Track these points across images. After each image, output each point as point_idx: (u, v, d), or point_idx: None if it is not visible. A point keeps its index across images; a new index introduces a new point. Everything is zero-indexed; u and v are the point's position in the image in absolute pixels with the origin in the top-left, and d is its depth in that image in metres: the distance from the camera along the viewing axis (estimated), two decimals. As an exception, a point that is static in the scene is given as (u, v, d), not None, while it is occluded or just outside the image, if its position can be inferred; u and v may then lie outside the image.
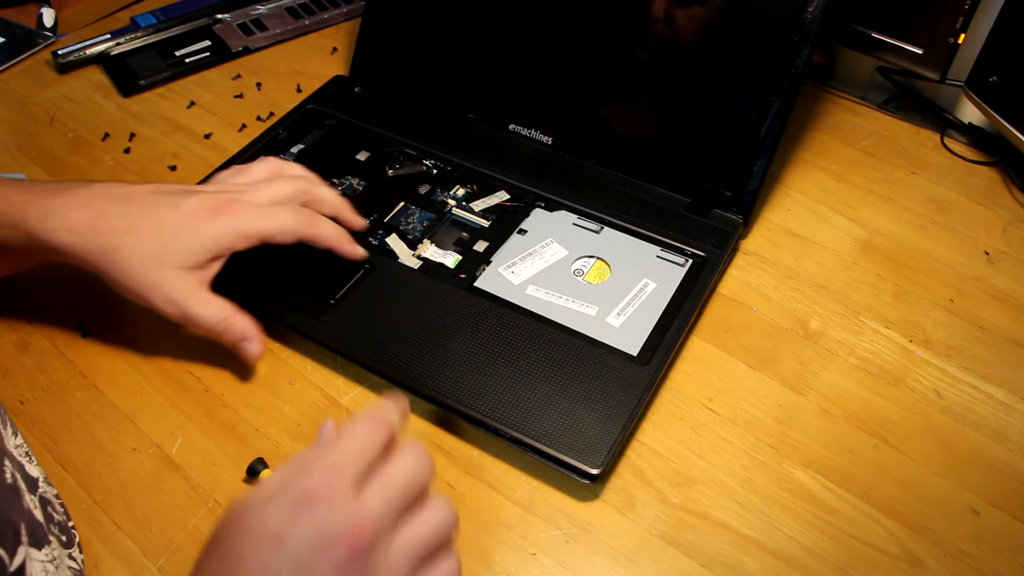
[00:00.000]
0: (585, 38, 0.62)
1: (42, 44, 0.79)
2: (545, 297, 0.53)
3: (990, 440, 0.49)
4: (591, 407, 0.47)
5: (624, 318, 0.52)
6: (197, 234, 0.47)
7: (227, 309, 0.49)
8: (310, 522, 0.33)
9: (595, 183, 0.61)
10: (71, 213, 0.47)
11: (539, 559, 0.44)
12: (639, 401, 0.48)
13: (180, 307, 0.47)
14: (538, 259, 0.56)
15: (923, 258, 0.60)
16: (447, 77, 0.68)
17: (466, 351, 0.50)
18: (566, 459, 0.45)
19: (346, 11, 0.83)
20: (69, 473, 0.47)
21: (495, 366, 0.50)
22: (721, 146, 0.59)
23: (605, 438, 0.46)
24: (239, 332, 0.49)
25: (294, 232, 0.50)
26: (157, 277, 0.47)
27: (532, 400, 0.48)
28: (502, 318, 0.52)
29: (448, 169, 0.63)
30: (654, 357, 0.50)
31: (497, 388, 0.48)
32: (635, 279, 0.54)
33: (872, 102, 0.73)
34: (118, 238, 0.47)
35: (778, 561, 0.44)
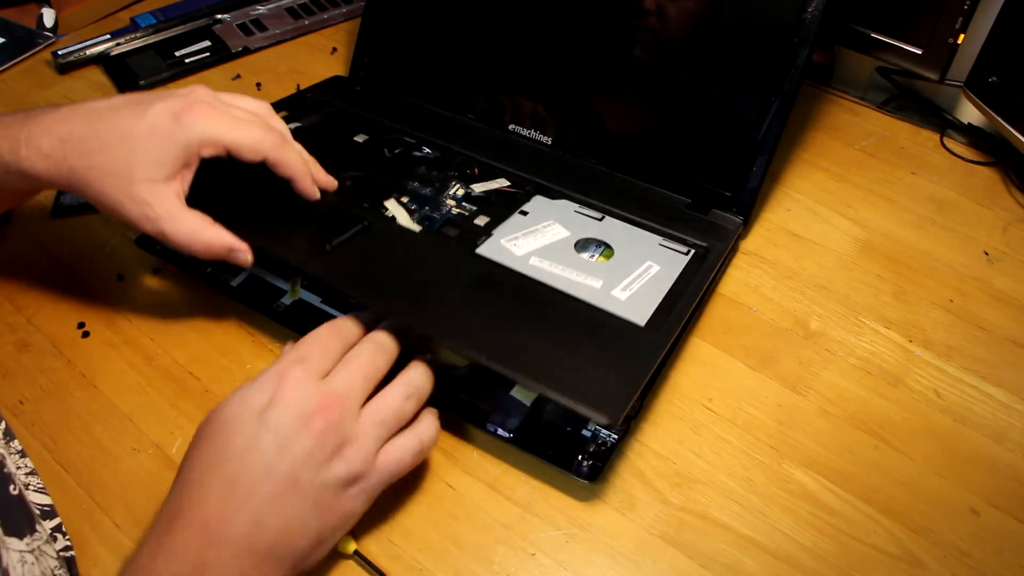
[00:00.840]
0: (585, 38, 0.62)
1: (42, 44, 0.79)
2: (549, 268, 0.52)
3: (990, 440, 0.50)
4: (603, 363, 0.44)
5: (630, 293, 0.50)
6: (163, 142, 0.46)
7: (202, 226, 0.47)
8: (287, 402, 0.39)
9: (596, 183, 0.61)
10: (40, 140, 0.46)
11: (539, 559, 0.44)
12: (652, 362, 0.45)
13: (155, 224, 0.46)
14: (540, 236, 0.54)
15: (923, 258, 0.60)
16: (447, 77, 0.68)
17: (470, 301, 0.48)
18: (580, 408, 0.41)
19: (346, 11, 0.83)
20: (69, 473, 0.47)
21: (502, 318, 0.47)
22: (721, 146, 0.59)
23: (621, 391, 0.42)
24: (220, 246, 0.48)
25: (260, 149, 0.48)
26: (130, 193, 0.46)
27: (541, 351, 0.45)
28: (506, 279, 0.50)
29: (447, 155, 0.62)
30: (663, 328, 0.48)
31: (505, 337, 0.46)
32: (638, 261, 0.53)
33: (872, 102, 0.73)
34: (88, 158, 0.46)
35: (778, 561, 0.44)
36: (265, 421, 0.39)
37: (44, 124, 0.47)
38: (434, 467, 0.48)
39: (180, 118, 0.46)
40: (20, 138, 0.47)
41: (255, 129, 0.48)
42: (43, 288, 0.57)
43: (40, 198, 0.64)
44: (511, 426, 0.48)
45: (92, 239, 0.61)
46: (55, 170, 0.46)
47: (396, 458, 0.42)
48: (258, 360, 0.53)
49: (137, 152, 0.46)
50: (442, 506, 0.46)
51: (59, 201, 0.63)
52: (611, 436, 0.47)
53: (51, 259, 0.59)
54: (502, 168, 0.61)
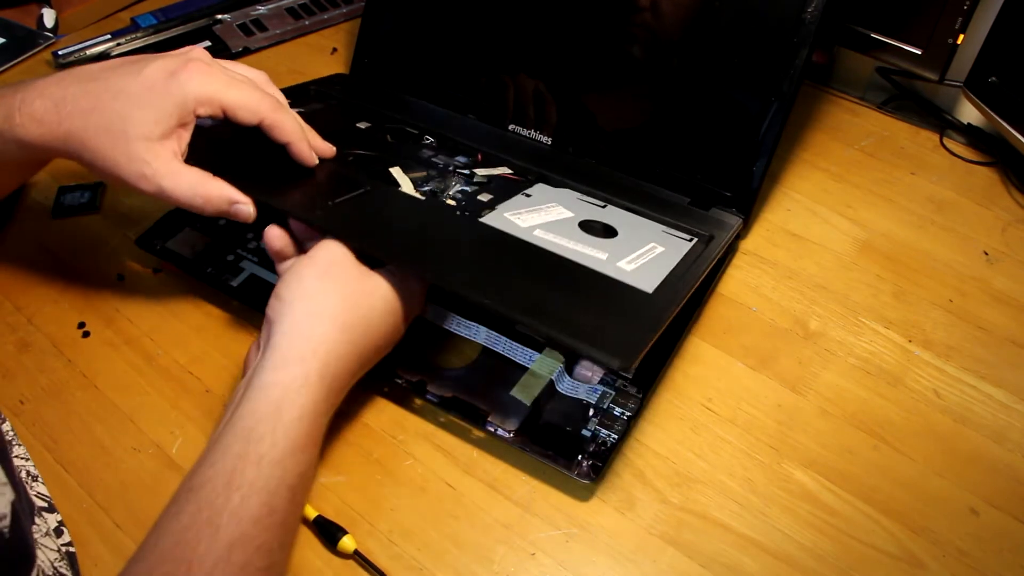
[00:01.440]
0: (585, 39, 0.62)
1: (43, 45, 0.79)
2: (554, 239, 0.51)
3: (989, 440, 0.50)
4: (615, 316, 0.44)
5: (636, 266, 0.49)
6: (159, 98, 0.45)
7: (201, 179, 0.46)
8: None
9: (596, 182, 0.61)
10: (34, 104, 0.46)
11: (538, 559, 0.44)
12: (666, 315, 0.44)
13: (153, 182, 0.45)
14: (544, 214, 0.54)
15: (922, 258, 0.60)
16: (447, 77, 0.68)
17: (477, 257, 0.48)
18: (594, 353, 0.40)
19: (346, 11, 0.83)
20: (70, 473, 0.48)
21: (509, 273, 0.46)
22: (721, 146, 0.59)
23: (635, 338, 0.41)
24: (220, 199, 0.47)
25: (256, 111, 0.48)
26: (126, 152, 0.45)
27: (552, 302, 0.44)
28: (512, 244, 0.49)
29: (450, 143, 0.62)
30: (672, 294, 0.46)
31: (514, 288, 0.45)
32: (643, 242, 0.52)
33: (871, 102, 0.73)
34: (83, 118, 0.45)
35: (778, 561, 0.44)
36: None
37: (38, 88, 0.46)
38: (434, 467, 0.48)
39: (176, 75, 0.46)
40: (14, 105, 0.46)
41: (252, 91, 0.48)
42: (43, 288, 0.57)
43: (40, 198, 0.64)
44: (511, 426, 0.48)
45: (92, 239, 0.61)
46: (50, 135, 0.46)
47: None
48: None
49: (132, 110, 0.45)
50: (442, 506, 0.46)
51: (59, 201, 0.63)
52: (611, 436, 0.47)
53: (51, 259, 0.59)
54: (504, 158, 0.61)
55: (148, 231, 0.59)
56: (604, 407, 0.49)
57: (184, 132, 0.47)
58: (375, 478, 0.47)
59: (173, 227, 0.59)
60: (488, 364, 0.52)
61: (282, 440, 0.39)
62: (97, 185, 0.64)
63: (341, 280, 0.44)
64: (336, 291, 0.44)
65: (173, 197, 0.46)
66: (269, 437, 0.39)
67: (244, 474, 0.38)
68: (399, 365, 0.51)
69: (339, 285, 0.44)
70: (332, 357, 0.42)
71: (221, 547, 0.36)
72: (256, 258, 0.57)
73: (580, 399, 0.50)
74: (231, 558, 0.36)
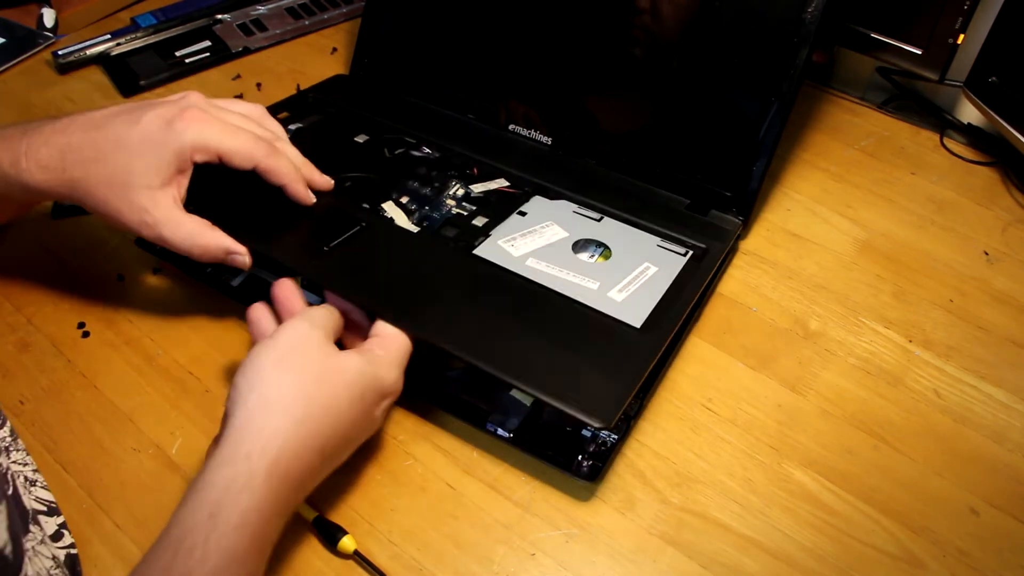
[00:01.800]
0: (585, 39, 0.62)
1: (42, 44, 0.79)
2: (546, 269, 0.52)
3: (990, 440, 0.50)
4: (597, 366, 0.45)
5: (626, 295, 0.51)
6: (157, 148, 0.47)
7: (200, 229, 0.48)
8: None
9: (595, 183, 0.61)
10: (39, 152, 0.47)
11: (538, 559, 0.44)
12: (645, 365, 0.45)
13: (154, 230, 0.47)
14: (538, 237, 0.55)
15: (923, 258, 0.60)
16: (447, 77, 0.68)
17: (466, 303, 0.49)
18: (573, 413, 0.42)
19: (346, 11, 0.83)
20: (69, 473, 0.47)
21: (498, 321, 0.48)
22: (721, 147, 0.59)
23: (614, 395, 0.43)
24: (217, 249, 0.48)
25: (252, 156, 0.49)
26: (128, 200, 0.47)
27: (536, 354, 0.45)
28: (502, 280, 0.51)
29: (447, 156, 0.63)
30: (658, 330, 0.48)
31: (498, 341, 0.46)
32: (636, 262, 0.53)
33: (872, 102, 0.73)
34: (85, 168, 0.47)
35: (778, 561, 0.44)
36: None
37: (43, 136, 0.48)
38: (434, 467, 0.48)
39: (172, 124, 0.47)
40: (20, 151, 0.47)
41: (246, 137, 0.49)
42: (43, 288, 0.57)
43: (40, 198, 0.64)
44: (511, 426, 0.48)
45: (92, 239, 0.61)
46: (55, 181, 0.47)
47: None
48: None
49: (133, 159, 0.47)
50: (442, 506, 0.46)
51: (59, 202, 0.63)
52: (611, 436, 0.47)
53: (51, 259, 0.59)
54: (501, 168, 0.61)
55: (148, 231, 0.59)
56: (604, 407, 0.49)
57: (183, 178, 0.49)
58: (375, 478, 0.47)
59: (173, 227, 0.59)
60: (488, 364, 0.52)
61: (215, 553, 0.36)
62: (97, 185, 0.64)
63: (300, 366, 0.41)
64: (293, 378, 0.41)
65: (172, 245, 0.48)
66: (200, 549, 0.36)
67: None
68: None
69: (297, 371, 0.41)
70: (284, 454, 0.39)
71: None
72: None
73: (580, 399, 0.50)
74: None
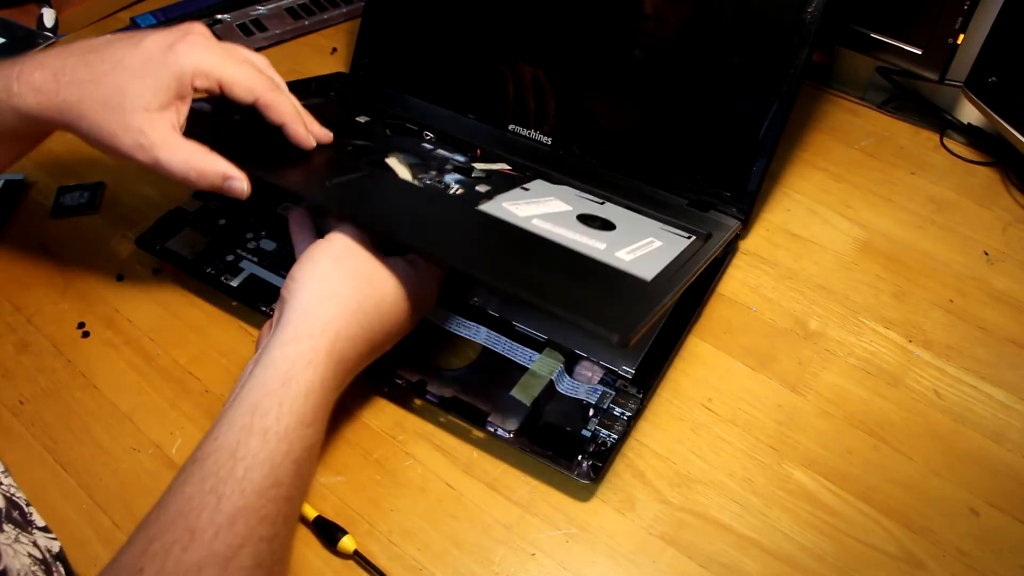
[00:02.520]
0: (584, 39, 0.62)
1: (43, 45, 0.79)
2: (552, 228, 0.50)
3: (989, 440, 0.50)
4: (614, 296, 0.44)
5: (634, 257, 0.49)
6: (157, 70, 0.46)
7: (197, 153, 0.46)
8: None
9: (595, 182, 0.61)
10: (32, 74, 0.46)
11: (538, 559, 0.44)
12: (664, 298, 0.43)
13: (149, 153, 0.45)
14: (542, 206, 0.54)
15: (922, 258, 0.60)
16: (447, 77, 0.68)
17: (476, 241, 0.48)
18: (592, 327, 0.39)
19: (346, 11, 0.83)
20: (69, 473, 0.48)
21: (509, 254, 0.47)
22: (721, 147, 0.59)
23: (632, 315, 0.41)
24: (214, 174, 0.47)
25: (253, 89, 0.48)
26: (123, 122, 0.45)
27: (553, 282, 0.44)
28: (510, 230, 0.49)
29: (449, 138, 0.62)
30: (670, 283, 0.46)
31: (514, 266, 0.45)
32: (641, 236, 0.52)
33: (872, 102, 0.73)
34: (80, 88, 0.45)
35: (777, 561, 0.44)
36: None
37: (37, 60, 0.47)
38: (434, 467, 0.48)
39: (174, 47, 0.46)
40: (12, 75, 0.46)
41: (249, 68, 0.49)
42: (43, 288, 0.57)
43: (40, 198, 0.64)
44: (511, 426, 0.48)
45: (92, 239, 0.61)
46: (47, 104, 0.46)
47: None
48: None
49: (131, 80, 0.45)
50: (442, 506, 0.46)
51: (59, 201, 0.63)
52: (611, 436, 0.47)
53: (51, 259, 0.59)
54: (503, 155, 0.61)
55: (148, 231, 0.59)
56: (604, 407, 0.49)
57: (182, 105, 0.47)
58: (375, 478, 0.47)
59: (173, 227, 0.59)
60: (488, 364, 0.52)
61: (287, 414, 0.40)
62: (97, 185, 0.64)
63: (354, 265, 0.45)
64: (349, 276, 0.45)
65: (168, 169, 0.46)
66: (275, 411, 0.40)
67: (249, 446, 0.39)
68: (399, 365, 0.51)
69: (352, 270, 0.45)
70: (341, 337, 0.43)
71: (224, 517, 0.37)
72: (256, 258, 0.57)
73: (580, 399, 0.50)
74: (233, 528, 0.37)
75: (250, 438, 0.39)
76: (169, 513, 0.37)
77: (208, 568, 0.35)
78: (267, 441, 0.39)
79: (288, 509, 0.39)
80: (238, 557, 0.36)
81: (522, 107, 0.65)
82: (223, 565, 0.36)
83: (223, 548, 0.36)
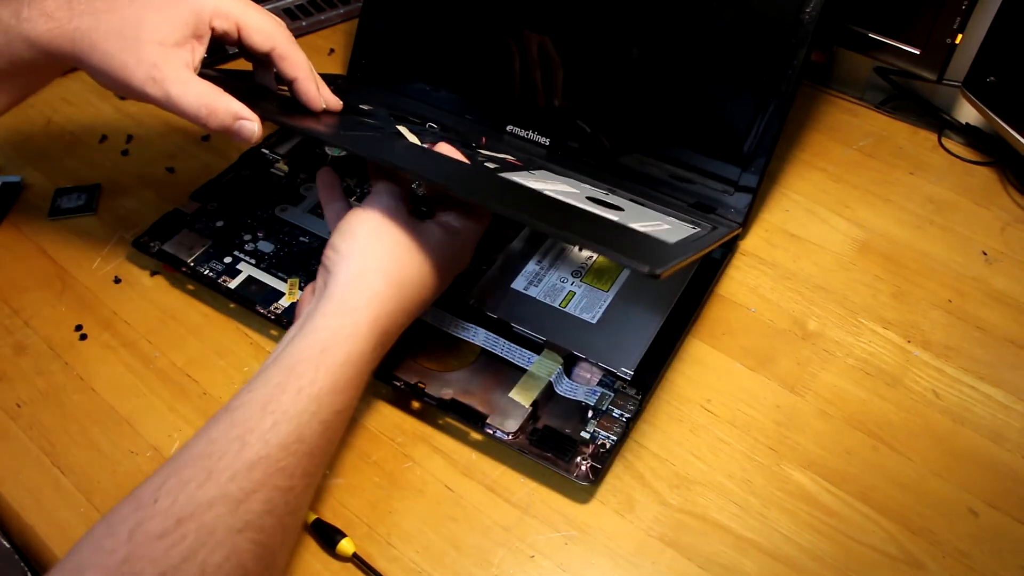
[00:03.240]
0: (582, 40, 0.62)
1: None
2: (565, 197, 0.50)
3: (988, 440, 0.49)
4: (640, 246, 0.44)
5: (649, 230, 0.49)
6: (176, 5, 0.45)
7: (210, 91, 0.45)
8: None
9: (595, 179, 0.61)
10: (45, 1, 0.45)
11: (537, 561, 0.44)
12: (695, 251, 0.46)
13: (161, 86, 0.44)
14: (553, 185, 0.54)
15: (921, 258, 0.60)
16: (445, 78, 0.67)
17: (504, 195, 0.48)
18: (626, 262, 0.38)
19: (343, 12, 0.83)
20: (66, 476, 0.47)
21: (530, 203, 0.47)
22: (719, 147, 0.59)
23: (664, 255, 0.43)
24: (226, 113, 0.45)
25: (271, 36, 0.48)
26: (137, 53, 0.44)
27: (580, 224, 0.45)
28: (532, 195, 0.49)
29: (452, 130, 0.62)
30: (692, 246, 0.47)
31: (540, 208, 0.46)
32: (651, 219, 0.52)
33: (870, 102, 0.73)
34: (95, 17, 0.44)
35: (776, 562, 0.44)
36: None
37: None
38: (433, 469, 0.48)
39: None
40: (23, 1, 0.45)
41: (269, 17, 0.49)
42: (40, 290, 0.57)
43: (36, 200, 0.64)
44: (510, 428, 0.48)
45: (89, 241, 0.61)
46: (59, 31, 0.44)
47: None
48: (255, 362, 0.53)
49: (148, 12, 0.45)
50: (441, 508, 0.46)
51: (56, 202, 0.63)
52: (610, 438, 0.47)
53: (48, 261, 0.59)
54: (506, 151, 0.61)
55: (145, 233, 0.59)
56: (603, 409, 0.49)
57: (199, 45, 0.46)
58: (373, 480, 0.47)
59: (170, 229, 0.59)
60: (486, 366, 0.51)
61: (323, 378, 0.41)
62: (93, 187, 0.64)
63: (393, 236, 0.46)
64: (389, 247, 0.45)
65: (179, 105, 0.45)
66: (311, 373, 0.41)
67: (280, 401, 0.40)
68: (398, 367, 0.51)
69: (391, 241, 0.45)
70: (383, 311, 0.44)
71: (243, 462, 0.38)
72: (254, 260, 0.57)
73: (579, 401, 0.49)
74: (251, 474, 0.37)
75: (282, 395, 0.40)
76: (192, 453, 0.38)
77: (218, 506, 0.36)
78: (299, 399, 0.40)
79: (308, 464, 0.40)
80: (249, 500, 0.37)
81: (520, 107, 0.65)
82: (234, 506, 0.37)
83: (236, 491, 0.37)
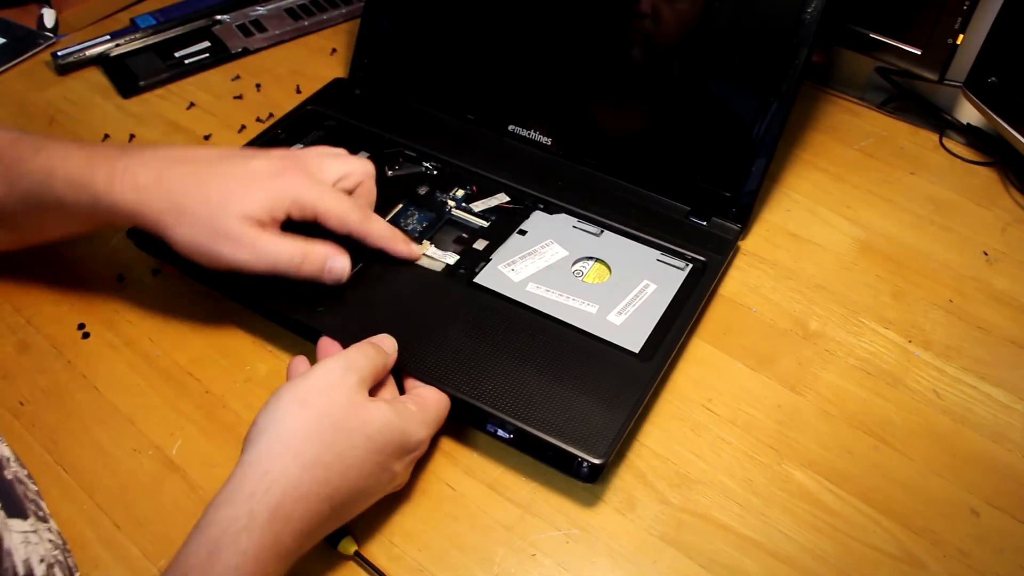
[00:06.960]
0: (583, 41, 0.62)
1: (42, 45, 0.79)
2: (545, 294, 0.53)
3: (989, 440, 0.50)
4: (594, 399, 0.47)
5: (625, 317, 0.52)
6: (260, 189, 0.48)
7: (302, 240, 0.49)
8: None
9: (594, 189, 0.61)
10: (138, 173, 0.47)
11: (539, 560, 0.44)
12: (642, 395, 0.47)
13: (254, 246, 0.47)
14: (538, 258, 0.56)
15: (922, 258, 0.60)
16: (446, 78, 0.68)
17: (466, 341, 0.50)
18: (568, 448, 0.44)
19: (345, 12, 0.83)
20: (69, 474, 0.48)
21: (495, 356, 0.49)
22: (720, 148, 0.59)
23: (608, 429, 0.45)
24: (320, 255, 0.49)
25: (347, 223, 0.50)
26: (225, 223, 0.47)
27: (533, 390, 0.47)
28: (502, 312, 0.52)
29: (447, 170, 0.63)
30: (656, 354, 0.50)
31: (497, 377, 0.48)
32: (635, 280, 0.54)
33: (871, 102, 0.73)
34: (185, 191, 0.47)
35: (777, 562, 0.44)
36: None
37: (143, 159, 0.48)
38: (434, 468, 0.48)
39: (281, 175, 0.49)
40: (116, 171, 0.47)
41: (345, 204, 0.51)
42: (43, 289, 0.57)
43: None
44: (511, 427, 0.48)
45: (92, 240, 0.61)
46: (147, 203, 0.47)
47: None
48: (258, 361, 0.53)
49: (236, 189, 0.47)
50: (442, 507, 0.46)
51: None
52: None
53: (51, 260, 0.59)
54: (501, 182, 0.61)
55: (148, 232, 0.59)
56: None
57: (272, 228, 0.49)
58: (375, 479, 0.47)
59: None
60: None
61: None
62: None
63: (321, 409, 0.40)
64: (309, 422, 0.40)
65: (273, 259, 0.48)
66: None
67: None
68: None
69: (317, 414, 0.40)
70: (288, 497, 0.38)
71: None
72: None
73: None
74: None
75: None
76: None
77: None
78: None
79: None
80: None
81: (521, 109, 0.65)
82: None
83: None
